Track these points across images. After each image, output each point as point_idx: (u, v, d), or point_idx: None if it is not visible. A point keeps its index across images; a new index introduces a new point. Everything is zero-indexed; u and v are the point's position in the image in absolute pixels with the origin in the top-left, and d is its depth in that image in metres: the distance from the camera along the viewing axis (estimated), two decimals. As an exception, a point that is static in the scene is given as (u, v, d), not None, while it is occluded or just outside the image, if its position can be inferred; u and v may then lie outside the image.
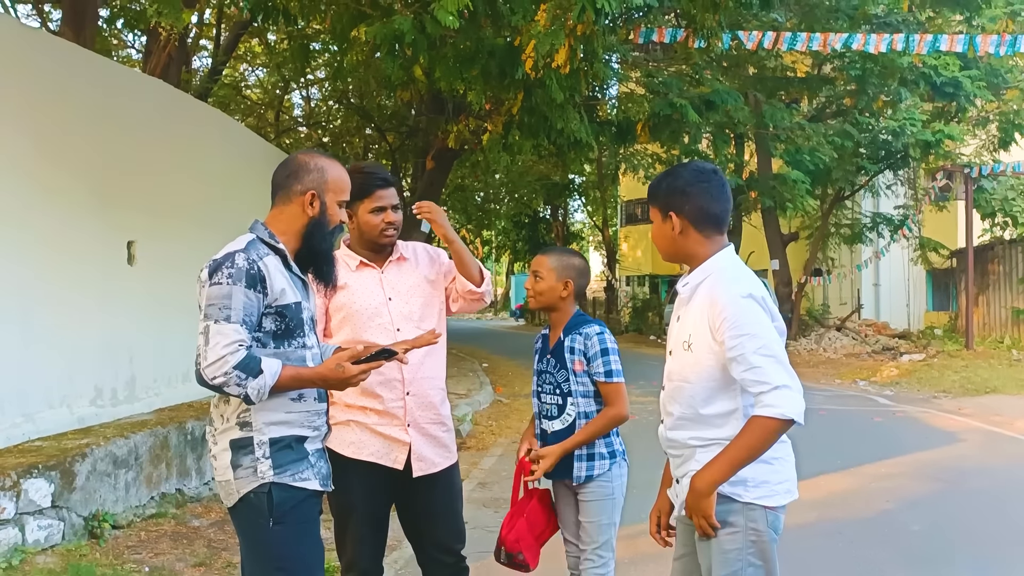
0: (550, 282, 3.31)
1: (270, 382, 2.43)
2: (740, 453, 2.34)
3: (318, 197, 2.62)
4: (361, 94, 18.26)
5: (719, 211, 2.56)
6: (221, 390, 2.43)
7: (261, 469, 2.50)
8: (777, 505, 2.46)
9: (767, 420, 2.31)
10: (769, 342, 2.37)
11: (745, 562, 2.41)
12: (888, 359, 18.61)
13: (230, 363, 2.38)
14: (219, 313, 2.42)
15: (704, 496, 2.37)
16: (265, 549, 2.52)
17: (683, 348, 2.55)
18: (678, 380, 2.56)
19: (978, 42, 11.35)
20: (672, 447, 2.61)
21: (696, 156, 18.35)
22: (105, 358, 6.25)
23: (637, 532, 3.21)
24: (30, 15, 15.44)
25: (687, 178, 2.58)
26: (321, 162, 2.67)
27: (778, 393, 2.31)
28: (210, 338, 2.41)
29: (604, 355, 3.22)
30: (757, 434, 2.32)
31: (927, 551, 5.30)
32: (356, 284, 3.18)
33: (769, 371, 2.33)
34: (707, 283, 2.51)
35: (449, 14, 6.85)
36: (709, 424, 2.48)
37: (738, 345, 2.36)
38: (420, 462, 3.18)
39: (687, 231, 2.56)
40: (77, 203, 6.00)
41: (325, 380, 2.55)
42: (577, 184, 35.57)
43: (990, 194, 21.87)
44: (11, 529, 4.52)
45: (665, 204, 2.59)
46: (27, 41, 5.73)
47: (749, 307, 2.41)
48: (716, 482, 2.36)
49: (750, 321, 2.38)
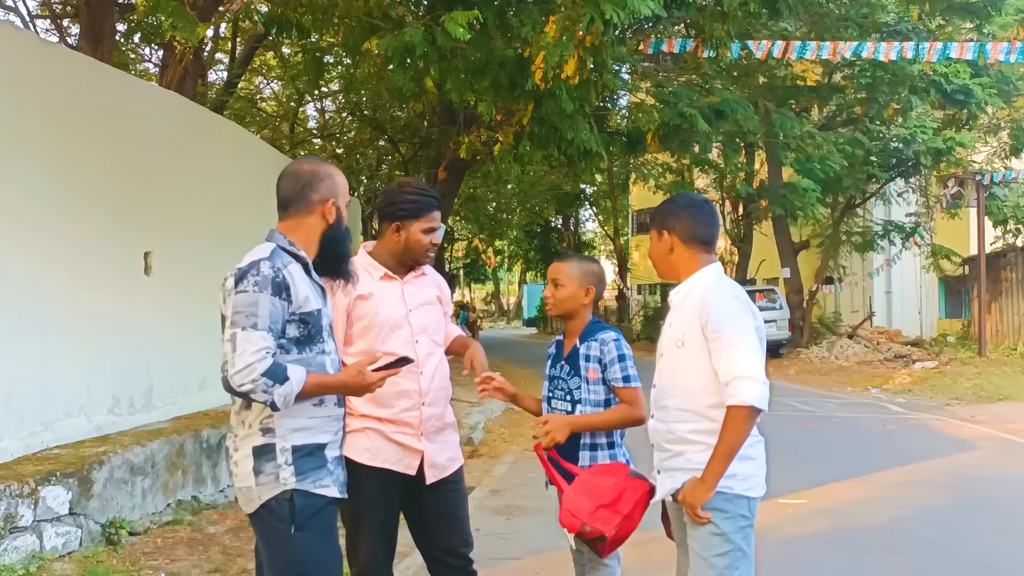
0: (571, 289, 3.31)
1: (296, 389, 2.48)
2: (726, 445, 2.65)
3: (335, 204, 2.70)
4: (374, 106, 18.40)
5: (705, 234, 2.95)
6: (248, 397, 2.47)
7: (283, 476, 2.53)
8: (757, 496, 2.80)
9: (735, 409, 2.63)
10: (743, 337, 2.70)
11: (735, 546, 2.74)
12: (900, 367, 18.53)
13: (258, 370, 2.42)
14: (246, 320, 2.46)
15: (710, 489, 2.68)
16: (286, 555, 2.55)
17: (676, 346, 2.85)
18: (674, 376, 2.86)
19: (988, 50, 11.33)
20: (666, 440, 2.85)
21: (707, 165, 18.39)
22: (123, 367, 6.32)
23: (647, 539, 3.24)
24: (49, 30, 15.63)
25: (681, 203, 3.01)
26: (328, 169, 2.75)
27: (739, 383, 2.63)
28: (237, 345, 2.44)
29: (621, 361, 3.23)
30: (732, 423, 2.64)
31: (939, 560, 5.29)
32: (380, 294, 3.20)
33: (736, 362, 2.66)
34: (696, 291, 2.86)
35: (459, 26, 6.93)
36: (705, 416, 2.76)
37: (718, 338, 2.71)
38: (433, 468, 3.22)
39: (678, 248, 2.93)
40: (95, 214, 6.08)
41: (347, 386, 2.61)
42: (588, 194, 35.66)
43: (1002, 201, 21.76)
44: (29, 536, 4.58)
45: (661, 224, 2.98)
46: (47, 56, 5.83)
47: (733, 306, 2.77)
48: (718, 474, 2.67)
49: (731, 318, 2.73)
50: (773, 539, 5.44)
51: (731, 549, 2.72)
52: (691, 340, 2.79)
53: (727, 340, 2.68)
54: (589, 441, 3.23)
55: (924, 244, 22.97)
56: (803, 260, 24.03)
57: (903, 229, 22.49)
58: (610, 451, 3.26)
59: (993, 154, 22.94)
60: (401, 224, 3.20)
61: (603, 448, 3.25)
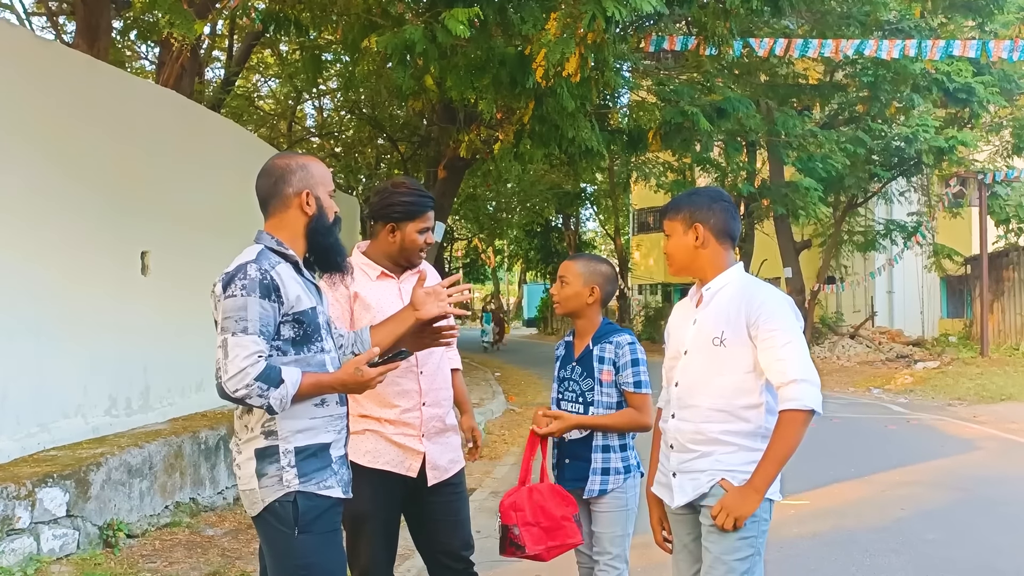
0: (576, 287, 3.31)
1: (292, 391, 2.44)
2: (782, 449, 2.58)
3: (312, 194, 2.64)
4: (373, 104, 18.35)
5: (736, 229, 2.86)
6: (243, 402, 2.44)
7: (287, 478, 2.51)
8: (777, 499, 2.75)
9: (793, 413, 2.56)
10: (797, 340, 2.63)
11: (756, 550, 2.68)
12: (902, 367, 18.51)
13: (251, 375, 2.39)
14: (236, 326, 2.43)
15: (759, 497, 2.61)
16: (290, 558, 2.53)
17: (713, 344, 2.74)
18: (707, 375, 2.74)
19: (991, 47, 11.30)
20: (692, 441, 2.75)
21: (708, 164, 18.36)
22: (119, 368, 6.29)
23: (648, 541, 3.20)
24: (45, 27, 15.61)
25: (710, 196, 2.88)
26: (301, 160, 2.70)
27: (796, 386, 2.56)
28: (229, 351, 2.41)
29: (635, 365, 3.23)
30: (790, 428, 2.57)
31: (941, 560, 5.25)
32: (376, 294, 3.20)
33: (791, 365, 2.58)
34: (733, 287, 2.77)
35: (460, 23, 6.88)
36: (739, 417, 2.69)
37: (771, 337, 2.63)
38: (434, 471, 3.21)
39: (709, 242, 2.81)
40: (91, 214, 6.05)
41: (345, 385, 2.56)
42: (589, 193, 35.60)
43: (1004, 200, 21.74)
44: (26, 538, 4.55)
45: (690, 216, 2.83)
46: (43, 53, 5.79)
47: (786, 308, 2.70)
48: (770, 480, 2.61)
49: (784, 319, 2.66)
50: (775, 539, 5.41)
51: (752, 553, 2.67)
52: (732, 338, 2.69)
53: (781, 340, 2.61)
54: (602, 443, 3.24)
55: (926, 243, 22.93)
56: (805, 259, 24.00)
57: (905, 228, 22.45)
58: (622, 453, 3.27)
59: (995, 153, 22.88)
60: (396, 225, 3.20)
61: (616, 451, 3.25)
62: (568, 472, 3.27)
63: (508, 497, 3.23)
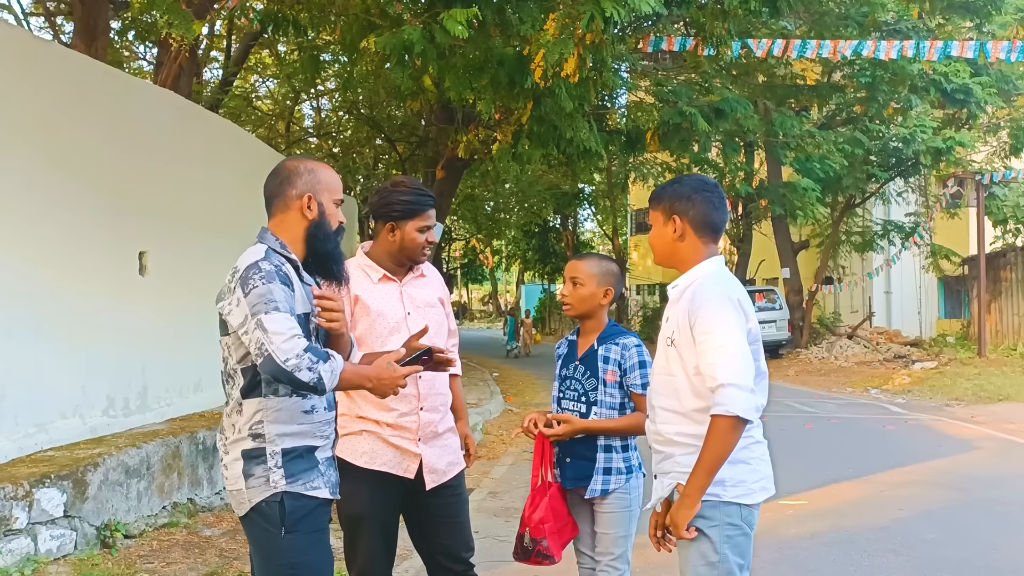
0: (591, 288, 3.28)
1: (339, 367, 2.41)
2: (710, 457, 2.44)
3: (314, 199, 2.63)
4: (371, 104, 18.35)
5: (717, 221, 2.71)
6: (293, 377, 2.35)
7: (273, 479, 2.50)
8: (753, 503, 2.58)
9: (719, 419, 2.42)
10: (730, 341, 2.47)
11: (721, 557, 2.52)
12: (900, 367, 18.52)
13: (300, 345, 2.35)
14: (266, 306, 2.38)
15: (693, 506, 2.47)
16: (277, 558, 2.53)
17: (666, 344, 2.66)
18: (664, 374, 2.67)
19: (989, 48, 11.30)
20: (657, 441, 2.69)
21: (706, 165, 18.37)
22: (117, 368, 6.28)
23: (648, 542, 3.19)
24: (43, 28, 15.60)
25: (692, 186, 2.72)
26: (310, 164, 2.68)
27: (723, 391, 2.42)
28: (267, 327, 2.36)
29: (641, 367, 3.22)
30: (717, 434, 2.43)
31: (940, 560, 5.25)
32: (378, 296, 3.19)
33: (720, 368, 2.44)
34: (693, 285, 2.63)
35: (458, 24, 6.88)
36: (691, 419, 2.57)
37: (705, 340, 2.50)
38: (432, 474, 3.19)
39: (687, 235, 2.68)
40: (89, 214, 6.03)
41: (380, 380, 2.53)
42: (587, 193, 35.61)
43: (1002, 201, 21.78)
44: (24, 539, 4.53)
45: (670, 207, 2.71)
46: (41, 54, 5.78)
47: (723, 306, 2.52)
48: (702, 488, 2.46)
49: (719, 319, 2.50)
50: (773, 540, 5.43)
51: (717, 561, 2.51)
52: (680, 338, 2.58)
53: (713, 343, 2.46)
54: (604, 443, 3.24)
55: (924, 244, 22.97)
56: (803, 260, 24.03)
57: (903, 229, 22.49)
58: (624, 453, 3.26)
59: (993, 153, 22.94)
60: (396, 224, 3.19)
61: (618, 451, 3.25)
62: (570, 471, 3.27)
63: (533, 511, 3.21)
